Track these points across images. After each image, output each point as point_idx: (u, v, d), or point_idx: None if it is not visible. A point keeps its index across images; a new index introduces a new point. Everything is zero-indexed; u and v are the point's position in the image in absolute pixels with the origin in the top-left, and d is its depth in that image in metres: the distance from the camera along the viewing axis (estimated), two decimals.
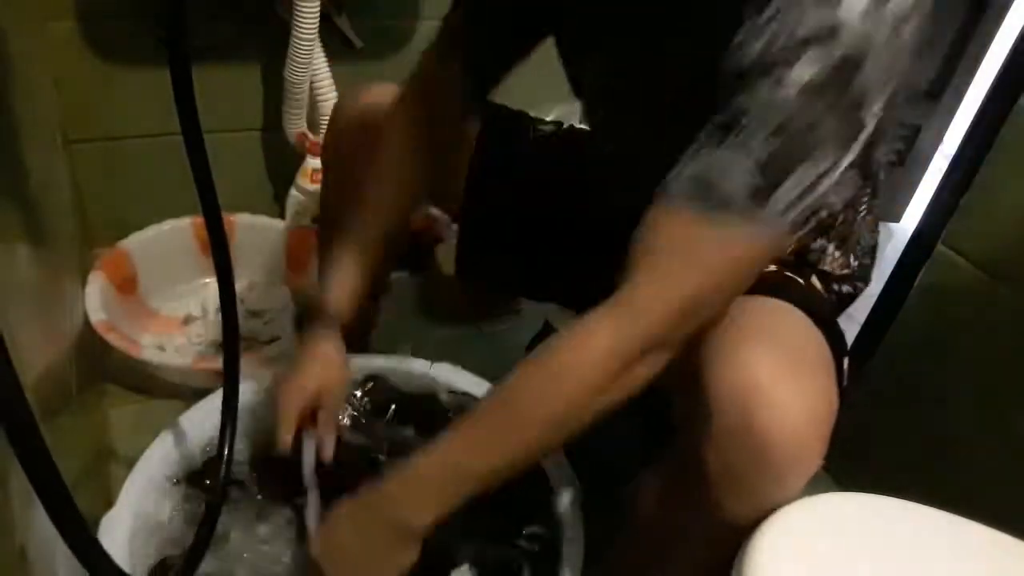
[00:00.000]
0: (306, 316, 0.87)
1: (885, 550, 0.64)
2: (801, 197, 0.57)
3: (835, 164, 0.57)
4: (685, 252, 0.59)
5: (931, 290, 1.10)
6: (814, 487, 0.63)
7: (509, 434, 0.64)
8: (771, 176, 0.56)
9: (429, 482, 0.66)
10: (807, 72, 0.54)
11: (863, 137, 0.57)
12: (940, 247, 1.08)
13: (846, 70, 0.55)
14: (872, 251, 0.85)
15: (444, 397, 1.03)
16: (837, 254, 0.82)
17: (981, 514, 0.67)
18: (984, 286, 1.02)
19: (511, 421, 0.64)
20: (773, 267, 0.78)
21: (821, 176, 0.57)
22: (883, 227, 2.29)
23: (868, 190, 0.80)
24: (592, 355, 0.61)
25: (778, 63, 0.55)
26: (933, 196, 1.11)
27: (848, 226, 0.81)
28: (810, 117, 0.55)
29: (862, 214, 0.81)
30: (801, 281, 0.79)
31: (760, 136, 0.56)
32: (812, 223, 0.59)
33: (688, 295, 0.60)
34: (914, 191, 2.22)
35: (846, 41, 0.54)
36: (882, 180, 0.80)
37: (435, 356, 1.06)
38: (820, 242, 0.81)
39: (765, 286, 0.72)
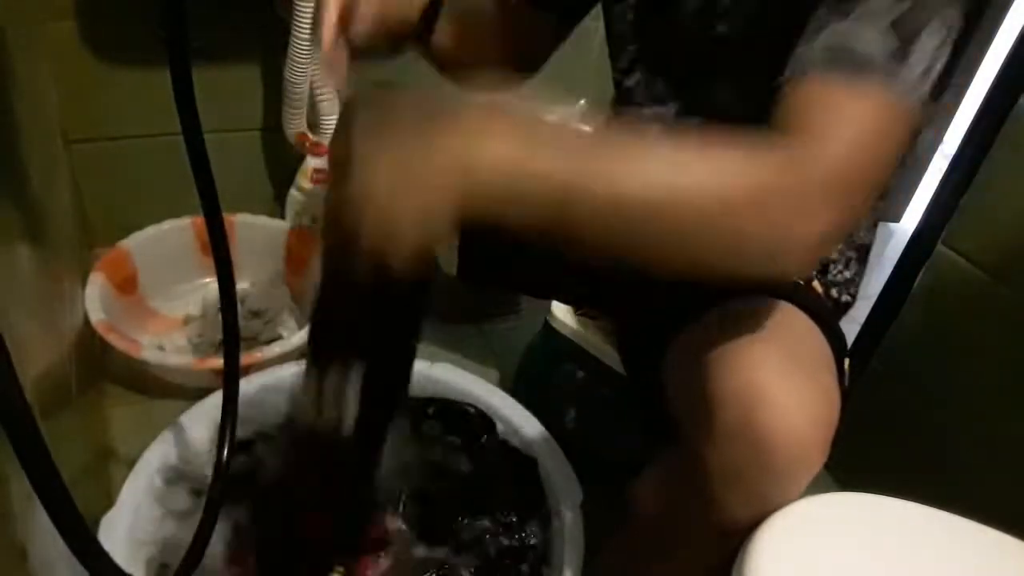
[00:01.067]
0: None
1: (885, 550, 0.64)
2: (934, 60, 0.55)
3: (955, 20, 0.55)
4: (834, 113, 0.53)
5: (931, 290, 1.10)
6: (814, 487, 0.63)
7: (627, 181, 0.50)
8: (905, 36, 0.53)
9: (520, 131, 0.50)
10: None
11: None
12: (940, 247, 1.08)
13: None
14: (865, 252, 0.85)
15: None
16: (841, 248, 0.82)
17: (981, 514, 0.67)
18: (984, 286, 1.02)
19: (636, 172, 0.50)
20: None
21: (946, 36, 0.55)
22: (883, 227, 2.29)
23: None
24: (757, 174, 0.50)
25: None
26: (933, 196, 1.11)
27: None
28: None
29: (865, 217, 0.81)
30: (802, 283, 0.79)
31: (879, 4, 0.53)
32: (940, 97, 0.56)
33: (841, 155, 0.52)
34: (914, 191, 2.22)
35: None
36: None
37: (435, 356, 1.06)
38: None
39: (766, 287, 0.72)
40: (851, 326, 1.26)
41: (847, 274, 0.84)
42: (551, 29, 0.86)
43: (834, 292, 0.84)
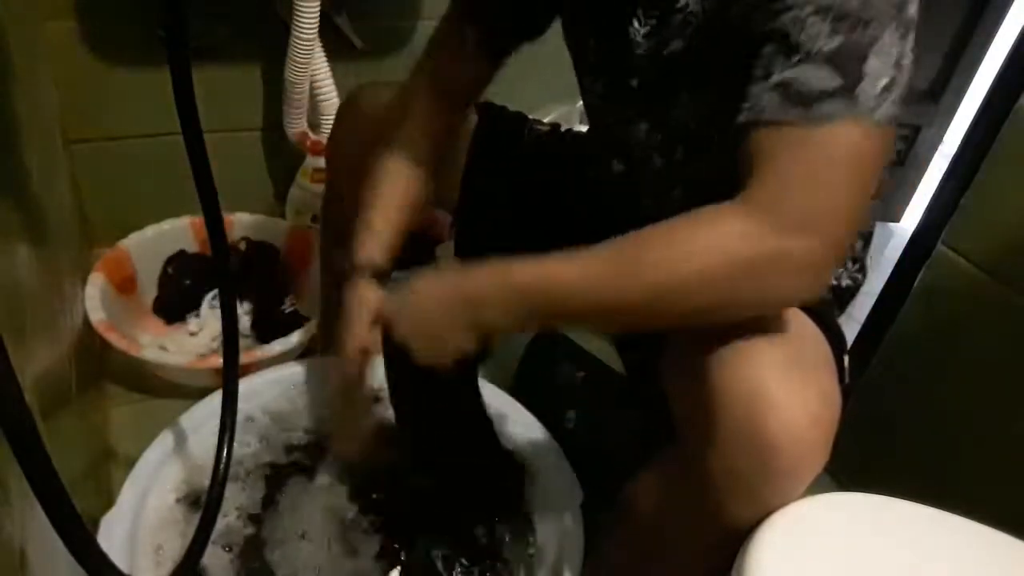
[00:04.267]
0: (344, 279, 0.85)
1: (885, 550, 0.64)
2: (889, 86, 0.57)
3: (900, 39, 0.57)
4: (800, 153, 0.56)
5: (931, 290, 1.10)
6: (814, 487, 0.63)
7: (613, 278, 0.61)
8: (849, 69, 0.55)
9: (517, 290, 0.64)
10: None
11: (912, 15, 0.57)
12: (940, 247, 1.07)
13: None
14: (867, 239, 0.85)
15: None
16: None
17: (981, 514, 0.67)
18: (984, 286, 1.02)
19: (621, 267, 0.61)
20: None
21: (896, 55, 0.57)
22: (883, 227, 2.29)
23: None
24: (722, 233, 0.57)
25: None
26: (933, 196, 1.11)
27: None
28: (860, 2, 0.55)
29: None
30: None
31: (819, 37, 0.55)
32: (901, 114, 0.58)
33: (810, 200, 0.56)
34: (914, 191, 2.22)
35: None
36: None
37: None
38: None
39: None
40: (851, 326, 1.26)
41: (847, 261, 0.84)
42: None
43: (834, 280, 0.84)
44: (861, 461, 1.17)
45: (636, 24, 0.72)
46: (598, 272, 0.61)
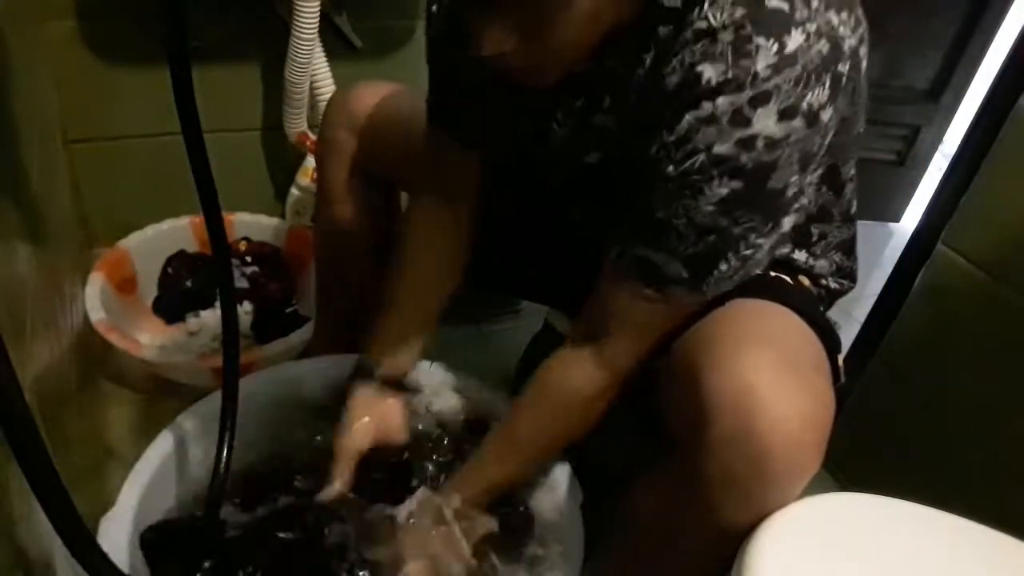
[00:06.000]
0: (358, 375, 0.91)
1: (885, 550, 0.64)
2: (734, 274, 0.68)
3: (761, 238, 0.65)
4: (648, 325, 0.73)
5: (931, 290, 1.10)
6: (814, 487, 0.63)
7: (533, 458, 0.86)
8: (701, 271, 0.67)
9: (481, 503, 0.83)
10: (724, 187, 0.61)
11: (795, 204, 0.65)
12: (940, 247, 1.07)
13: (761, 174, 0.61)
14: (849, 246, 0.85)
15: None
16: (819, 262, 0.83)
17: (981, 514, 0.67)
18: (984, 286, 1.02)
19: (533, 450, 0.84)
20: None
21: (752, 251, 0.66)
22: (883, 227, 2.29)
23: (838, 196, 0.80)
24: (578, 400, 0.79)
25: (695, 182, 0.62)
26: (933, 196, 1.11)
27: (825, 237, 0.82)
28: (730, 220, 0.63)
29: (836, 220, 0.82)
30: (789, 280, 0.79)
31: (684, 244, 0.65)
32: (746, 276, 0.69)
33: (649, 346, 0.74)
34: (914, 191, 2.22)
35: (761, 151, 0.59)
36: (850, 180, 0.80)
37: (435, 356, 1.06)
38: (800, 254, 0.82)
39: (755, 288, 0.73)
40: (851, 326, 1.26)
41: (831, 266, 0.84)
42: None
43: (823, 282, 0.84)
44: (861, 461, 1.18)
45: (556, 127, 0.77)
46: (519, 464, 0.84)
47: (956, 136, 1.62)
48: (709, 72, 0.59)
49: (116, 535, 0.79)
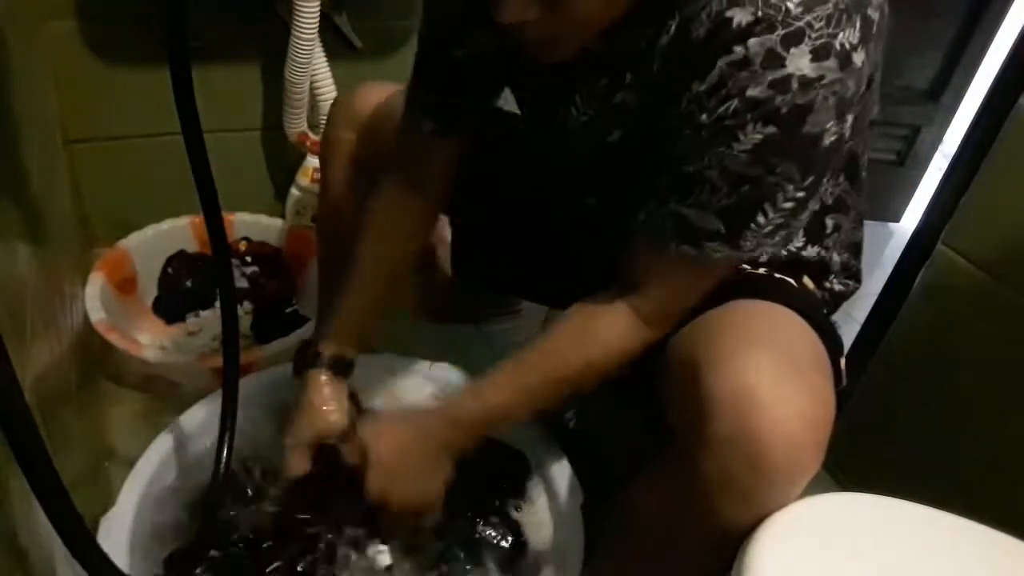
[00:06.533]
0: (306, 357, 0.91)
1: (885, 550, 0.64)
2: (775, 231, 0.66)
3: (800, 191, 0.63)
4: (685, 283, 0.72)
5: (931, 290, 1.10)
6: (814, 487, 0.63)
7: (544, 388, 0.78)
8: (737, 224, 0.65)
9: (475, 425, 0.80)
10: (759, 132, 0.59)
11: (824, 161, 0.63)
12: (940, 247, 1.07)
13: (796, 118, 0.59)
14: (857, 248, 0.85)
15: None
16: (832, 255, 0.83)
17: (981, 514, 0.67)
18: (984, 286, 1.02)
19: (549, 378, 0.78)
20: (763, 269, 0.79)
21: (792, 205, 0.64)
22: (883, 227, 2.29)
23: (853, 188, 0.80)
24: (616, 344, 0.75)
25: (729, 128, 0.60)
26: (933, 196, 1.11)
27: (839, 230, 0.82)
28: (765, 168, 0.61)
29: (851, 215, 0.82)
30: (793, 282, 0.79)
31: (719, 194, 0.63)
32: (789, 238, 0.68)
33: (685, 307, 0.73)
34: (914, 191, 2.22)
35: (796, 93, 0.58)
36: (864, 172, 0.80)
37: (435, 356, 1.06)
38: (812, 249, 0.81)
39: (757, 288, 0.73)
40: (851, 326, 1.26)
41: (838, 265, 0.84)
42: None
43: (827, 283, 0.84)
44: (861, 461, 1.18)
45: (574, 112, 0.76)
46: (531, 391, 0.78)
47: (956, 136, 1.62)
48: (739, 15, 0.58)
49: (116, 535, 0.79)
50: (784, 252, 0.81)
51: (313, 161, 1.44)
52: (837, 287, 0.85)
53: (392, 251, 0.91)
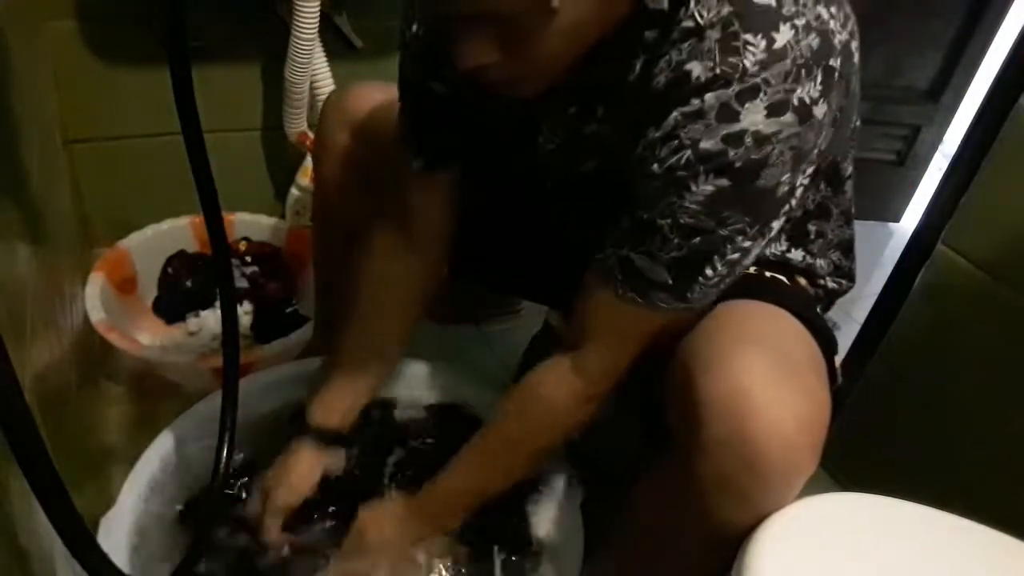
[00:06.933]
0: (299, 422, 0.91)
1: (885, 550, 0.64)
2: (720, 281, 0.66)
3: (747, 241, 0.63)
4: (628, 332, 0.72)
5: (931, 290, 1.10)
6: (813, 487, 0.63)
7: (507, 469, 0.83)
8: (685, 276, 0.65)
9: (448, 510, 0.84)
10: (710, 184, 0.59)
11: (786, 205, 0.63)
12: (940, 247, 1.07)
13: (750, 172, 0.59)
14: (848, 246, 0.85)
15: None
16: (818, 261, 0.83)
17: (981, 514, 0.67)
18: (984, 286, 1.02)
19: (507, 460, 0.82)
20: (754, 268, 0.79)
21: (739, 255, 0.64)
22: (883, 227, 2.29)
23: (836, 193, 0.80)
24: (560, 408, 0.77)
25: (681, 179, 0.60)
26: (933, 196, 1.11)
27: (823, 235, 0.82)
28: (716, 221, 0.61)
29: (835, 218, 0.82)
30: (786, 281, 0.79)
31: (670, 245, 0.63)
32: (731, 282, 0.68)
33: (629, 358, 0.74)
34: (914, 191, 2.22)
35: (750, 147, 0.58)
36: (849, 178, 0.80)
37: (435, 356, 1.06)
38: (797, 253, 0.81)
39: (750, 289, 0.72)
40: (851, 326, 1.26)
41: (829, 266, 0.84)
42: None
43: (821, 282, 0.84)
44: (861, 461, 1.18)
45: (541, 140, 0.75)
46: (487, 475, 0.82)
47: (956, 136, 1.62)
48: (697, 70, 0.59)
49: (116, 535, 0.79)
50: (770, 254, 0.80)
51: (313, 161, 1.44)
52: (831, 284, 0.85)
53: (387, 316, 0.90)
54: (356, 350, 0.90)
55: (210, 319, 1.38)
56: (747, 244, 0.64)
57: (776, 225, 0.65)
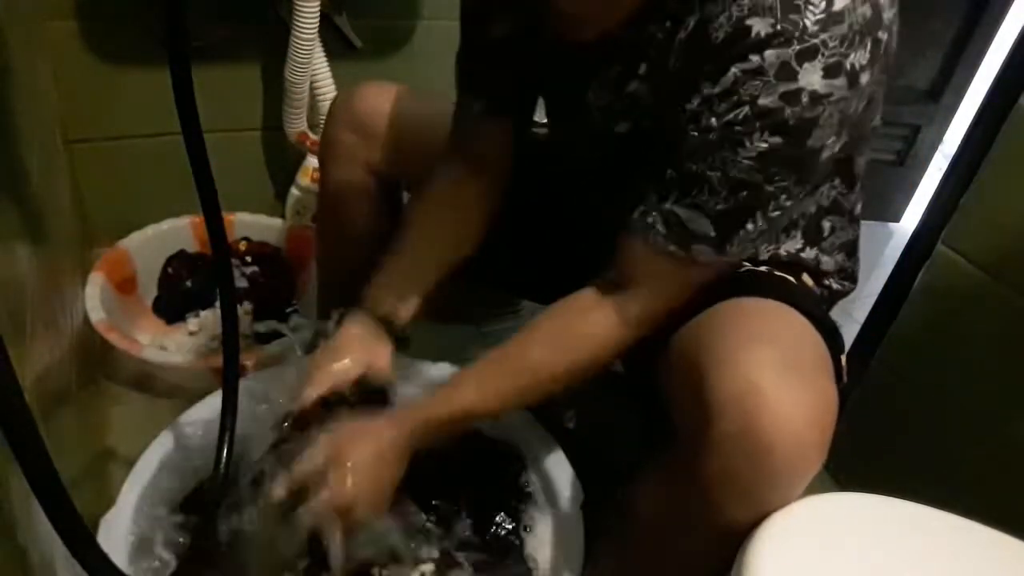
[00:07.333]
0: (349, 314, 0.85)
1: (885, 550, 0.64)
2: (758, 236, 0.68)
3: (789, 200, 0.65)
4: (670, 281, 0.72)
5: (931, 290, 1.10)
6: (814, 487, 0.63)
7: (519, 388, 0.77)
8: (728, 229, 0.67)
9: (440, 424, 0.77)
10: (764, 142, 0.61)
11: (817, 173, 0.65)
12: (940, 247, 1.07)
13: (802, 131, 0.61)
14: (852, 248, 0.86)
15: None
16: (825, 258, 0.83)
17: (981, 514, 0.67)
18: (984, 286, 1.02)
19: (523, 378, 0.77)
20: (764, 268, 0.79)
21: (779, 213, 0.66)
22: (883, 227, 2.29)
23: (849, 191, 0.81)
24: (597, 344, 0.75)
25: (736, 134, 0.62)
26: (933, 196, 1.11)
27: (834, 232, 0.82)
28: (765, 177, 0.63)
29: (846, 216, 0.82)
30: (793, 280, 0.80)
31: (717, 197, 0.65)
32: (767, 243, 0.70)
33: (668, 308, 0.73)
34: (914, 191, 2.22)
35: (805, 106, 0.60)
36: (860, 177, 0.81)
37: (435, 356, 1.06)
38: (811, 251, 0.82)
39: (759, 286, 0.73)
40: (851, 326, 1.26)
41: (833, 267, 0.85)
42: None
43: (826, 281, 0.84)
44: (861, 461, 1.18)
45: (591, 96, 0.76)
46: (501, 392, 0.77)
47: (956, 136, 1.62)
48: (758, 25, 0.60)
49: (116, 535, 0.79)
50: (784, 253, 0.81)
51: (313, 161, 1.44)
52: (835, 286, 0.85)
53: (447, 225, 0.87)
54: (418, 247, 0.87)
55: (210, 319, 1.38)
56: (788, 203, 0.66)
57: (808, 189, 0.67)
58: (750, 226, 0.67)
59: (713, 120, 0.63)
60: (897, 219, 2.24)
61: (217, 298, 1.34)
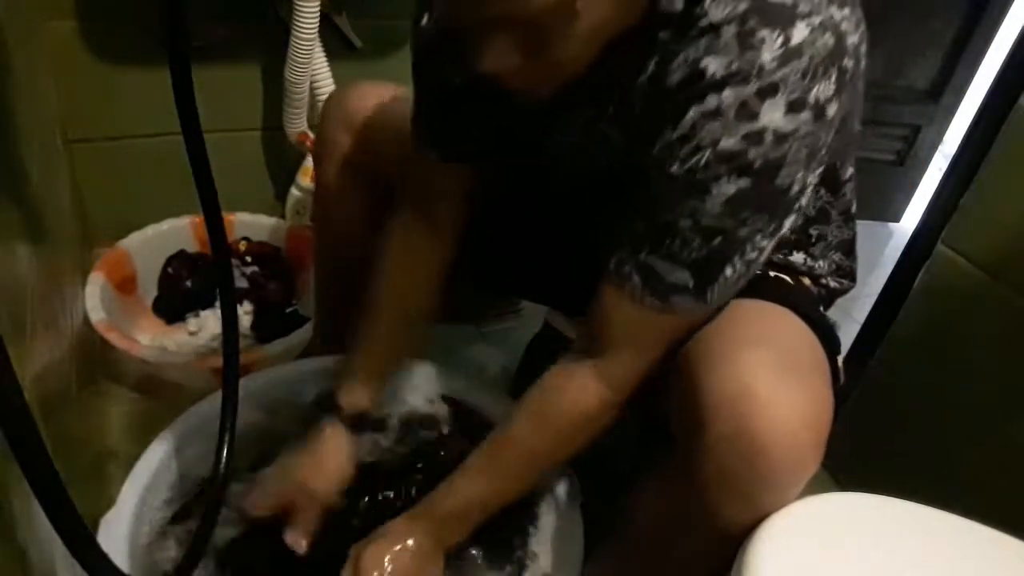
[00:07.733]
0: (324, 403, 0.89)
1: (885, 550, 0.64)
2: (738, 280, 0.66)
3: (764, 240, 0.64)
4: (649, 337, 0.71)
5: (931, 290, 1.10)
6: (814, 487, 0.63)
7: (523, 478, 0.81)
8: (706, 277, 0.65)
9: (462, 518, 0.80)
10: (732, 185, 0.59)
11: (797, 203, 0.63)
12: (940, 247, 1.08)
13: (769, 171, 0.59)
14: (849, 246, 0.85)
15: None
16: (819, 263, 0.83)
17: (981, 514, 0.67)
18: (984, 286, 1.02)
19: (525, 465, 0.80)
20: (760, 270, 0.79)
21: (756, 254, 0.64)
22: (883, 227, 2.29)
23: (836, 197, 0.80)
24: (577, 417, 0.75)
25: (701, 182, 0.60)
26: (933, 196, 1.11)
27: (824, 238, 0.82)
28: (736, 221, 0.61)
29: (834, 220, 0.82)
30: (790, 281, 0.79)
31: (689, 249, 0.63)
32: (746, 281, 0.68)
33: (652, 362, 0.72)
34: (914, 191, 2.22)
35: (769, 146, 0.58)
36: (848, 180, 0.80)
37: (435, 356, 1.06)
38: (799, 256, 0.81)
39: (755, 288, 0.72)
40: (851, 326, 1.26)
41: (831, 266, 0.84)
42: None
43: (823, 281, 0.84)
44: (861, 461, 1.18)
45: (558, 136, 0.75)
46: (507, 477, 0.79)
47: (956, 136, 1.62)
48: (713, 65, 0.58)
49: (116, 535, 0.79)
50: (774, 257, 0.81)
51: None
52: (832, 284, 0.85)
53: (407, 298, 0.89)
54: (381, 325, 0.89)
55: (210, 319, 1.38)
56: (764, 243, 0.64)
57: (788, 223, 0.65)
58: (728, 271, 0.65)
59: (675, 167, 0.61)
60: (897, 219, 2.25)
61: (217, 298, 1.34)
